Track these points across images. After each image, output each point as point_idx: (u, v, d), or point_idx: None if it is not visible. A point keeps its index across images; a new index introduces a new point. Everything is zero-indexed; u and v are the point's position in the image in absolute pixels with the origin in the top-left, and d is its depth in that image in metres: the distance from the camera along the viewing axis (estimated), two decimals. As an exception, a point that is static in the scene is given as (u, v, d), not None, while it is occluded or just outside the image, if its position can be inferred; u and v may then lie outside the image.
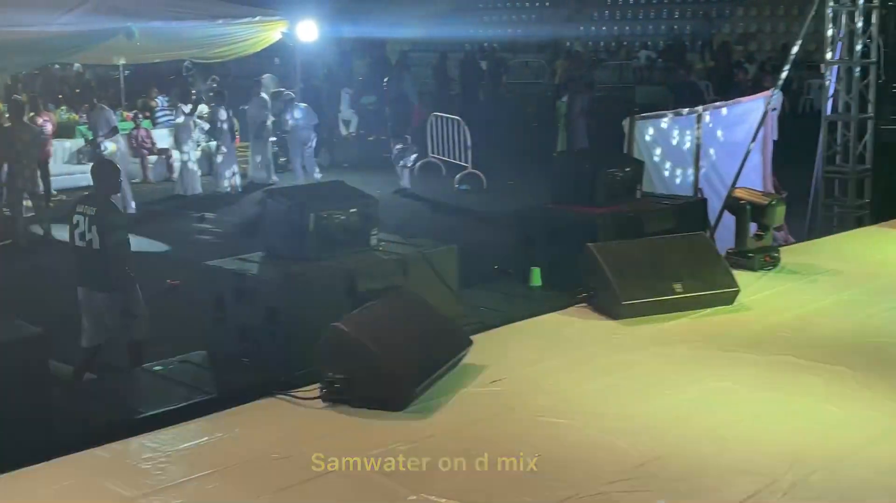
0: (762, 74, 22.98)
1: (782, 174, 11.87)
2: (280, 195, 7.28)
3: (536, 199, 10.99)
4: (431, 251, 7.28)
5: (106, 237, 6.87)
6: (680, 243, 7.26)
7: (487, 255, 10.00)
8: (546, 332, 6.66)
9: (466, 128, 16.96)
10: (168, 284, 10.29)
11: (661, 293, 6.84)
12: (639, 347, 6.29)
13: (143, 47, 14.62)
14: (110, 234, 6.89)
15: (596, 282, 6.94)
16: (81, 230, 6.97)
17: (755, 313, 7.00)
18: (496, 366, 5.83)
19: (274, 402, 5.33)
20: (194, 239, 13.14)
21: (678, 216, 8.43)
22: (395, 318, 5.60)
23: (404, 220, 12.60)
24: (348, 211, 6.92)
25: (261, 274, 6.63)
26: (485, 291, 8.48)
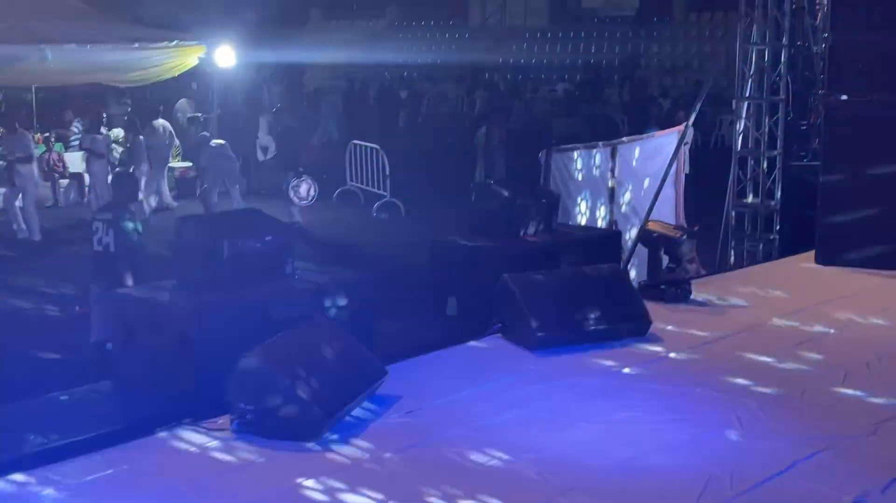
0: (676, 109, 23.43)
1: (694, 208, 12.09)
2: (194, 222, 7.18)
3: (454, 228, 11.04)
4: (348, 280, 7.23)
5: (120, 241, 7.47)
6: (594, 275, 7.34)
7: (404, 284, 10.00)
8: (461, 362, 6.67)
9: (385, 156, 16.96)
10: (76, 311, 10.05)
11: (575, 324, 6.91)
12: (553, 378, 6.33)
13: (57, 70, 14.35)
14: (123, 238, 7.49)
15: (511, 313, 6.97)
16: (100, 235, 7.56)
17: (667, 345, 7.10)
18: (411, 396, 5.82)
19: (184, 433, 5.23)
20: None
21: (593, 248, 8.53)
22: (310, 348, 5.55)
23: (321, 248, 12.53)
24: (264, 239, 6.85)
25: (173, 302, 6.51)
26: (400, 321, 8.47)
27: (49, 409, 6.17)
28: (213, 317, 6.28)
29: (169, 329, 6.30)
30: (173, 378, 6.17)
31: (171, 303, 6.48)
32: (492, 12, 35.18)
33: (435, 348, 7.04)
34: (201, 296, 6.45)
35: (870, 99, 9.56)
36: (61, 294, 11.09)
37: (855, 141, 9.65)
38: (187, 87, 23.54)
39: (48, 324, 9.85)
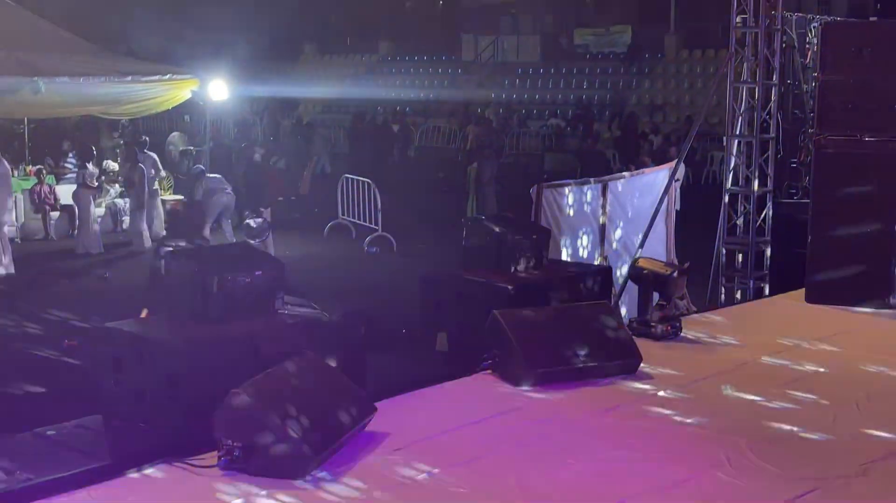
0: (667, 145, 23.56)
1: (685, 244, 12.12)
2: (183, 256, 7.16)
3: (445, 263, 11.05)
4: (338, 315, 7.21)
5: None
6: (584, 311, 7.34)
7: (394, 319, 9.98)
8: (450, 399, 6.64)
9: (377, 190, 17.00)
10: (65, 345, 10.00)
11: (566, 361, 6.90)
12: (543, 415, 6.30)
13: (50, 102, 14.38)
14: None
15: (501, 349, 6.95)
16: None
17: (657, 382, 7.08)
18: (400, 433, 5.78)
19: (170, 470, 5.20)
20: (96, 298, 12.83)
21: (583, 284, 8.52)
22: (298, 384, 5.52)
23: (312, 282, 12.50)
24: (253, 273, 6.83)
25: (161, 336, 6.47)
26: (390, 356, 8.44)
27: (35, 444, 6.12)
28: (201, 352, 6.25)
29: (156, 364, 6.27)
30: (161, 413, 6.14)
31: (158, 338, 6.45)
32: (484, 48, 35.41)
33: (425, 384, 7.01)
34: (189, 330, 6.43)
35: (859, 137, 9.62)
36: (49, 327, 11.05)
37: (844, 179, 9.69)
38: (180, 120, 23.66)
39: (36, 357, 9.79)
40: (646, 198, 11.27)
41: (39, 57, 13.88)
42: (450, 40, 36.59)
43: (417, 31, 37.65)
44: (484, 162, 18.00)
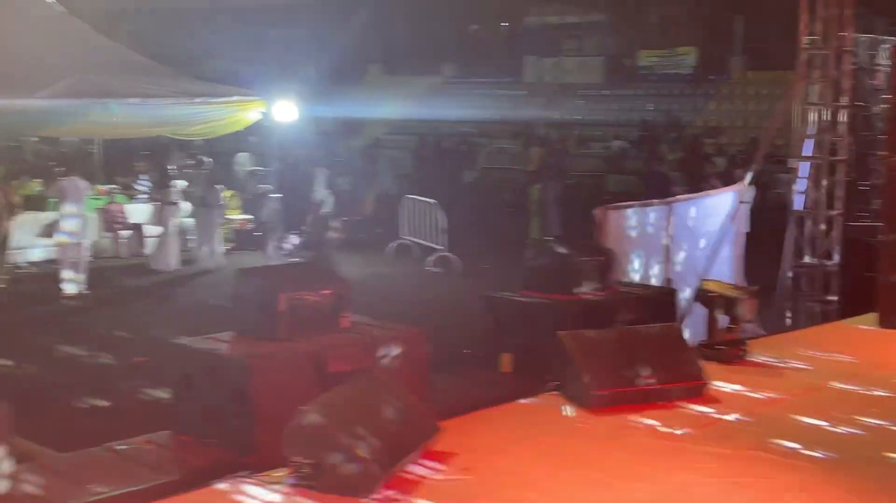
0: (733, 167, 23.32)
1: (752, 267, 11.98)
2: (252, 274, 7.26)
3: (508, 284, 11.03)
4: (403, 334, 7.25)
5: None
6: (651, 333, 7.29)
7: (458, 340, 10.00)
8: (514, 420, 6.64)
9: (440, 210, 17.06)
10: (134, 361, 10.18)
11: (631, 383, 6.86)
12: (608, 438, 6.27)
13: (121, 123, 14.65)
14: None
15: (566, 371, 6.94)
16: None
17: (724, 406, 7.01)
18: (466, 453, 5.79)
19: (240, 486, 5.26)
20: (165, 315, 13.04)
21: (648, 306, 8.46)
22: (364, 402, 5.56)
23: (376, 301, 12.56)
24: (320, 292, 6.91)
25: (229, 354, 6.56)
26: (454, 376, 8.45)
27: (106, 459, 6.24)
28: (269, 369, 6.33)
29: (225, 380, 6.36)
30: (230, 429, 6.22)
31: (227, 355, 6.54)
32: (547, 69, 35.42)
33: (489, 405, 7.02)
34: (258, 348, 6.52)
35: (931, 159, 9.46)
36: (118, 344, 11.26)
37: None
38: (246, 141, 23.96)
39: (107, 373, 9.97)
40: (712, 219, 11.17)
41: (112, 79, 14.16)
42: (513, 62, 36.65)
43: (481, 52, 37.79)
44: (547, 183, 17.98)
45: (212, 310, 12.74)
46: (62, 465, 6.14)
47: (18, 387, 7.70)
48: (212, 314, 12.33)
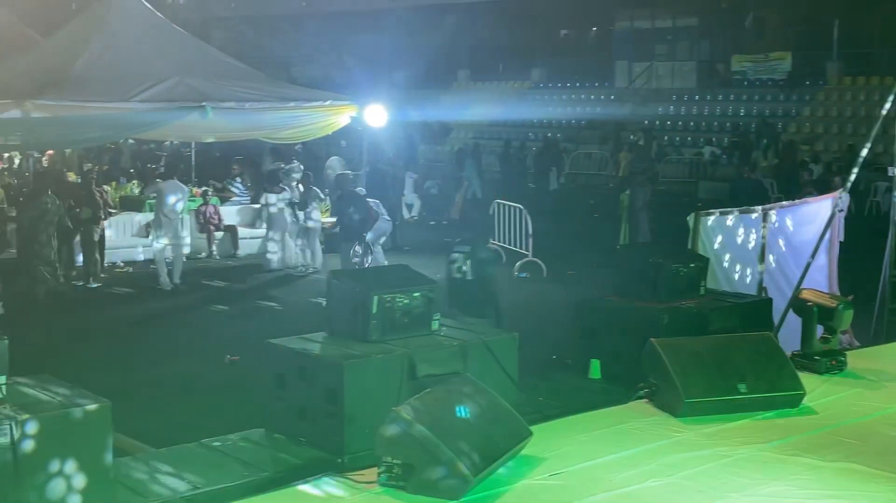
0: (828, 174, 22.85)
1: (848, 276, 11.71)
2: (345, 277, 7.34)
3: (596, 290, 10.97)
4: (492, 338, 7.26)
5: (477, 271, 8.89)
6: (745, 343, 7.17)
7: (546, 345, 9.97)
8: (606, 426, 6.58)
9: (528, 216, 17.02)
10: (227, 359, 10.37)
11: (725, 393, 6.75)
12: (700, 447, 6.19)
13: (216, 126, 14.94)
14: (481, 269, 8.95)
15: (658, 378, 6.86)
16: (458, 265, 9.00)
17: (820, 417, 6.87)
18: (555, 458, 5.77)
19: (331, 484, 5.32)
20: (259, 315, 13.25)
21: (743, 315, 8.34)
22: (455, 405, 5.57)
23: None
24: (411, 295, 6.96)
25: (322, 354, 6.65)
26: (543, 381, 8.43)
27: (202, 455, 6.37)
28: (361, 370, 6.39)
29: (318, 380, 6.44)
30: (322, 429, 6.30)
31: (320, 355, 6.62)
32: (638, 74, 35.13)
33: (579, 410, 6.99)
34: (350, 348, 6.59)
35: None
36: (212, 342, 11.47)
37: None
38: (338, 144, 24.25)
39: (201, 371, 10.16)
40: (807, 228, 10.94)
41: (208, 84, 14.45)
42: (603, 67, 36.47)
43: (571, 57, 37.67)
44: (637, 188, 17.79)
45: (306, 311, 12.93)
46: (159, 461, 6.28)
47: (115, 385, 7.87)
48: (306, 315, 12.53)
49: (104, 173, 19.64)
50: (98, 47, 14.25)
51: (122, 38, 14.62)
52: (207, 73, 14.89)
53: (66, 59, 14.13)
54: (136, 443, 7.16)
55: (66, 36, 15.33)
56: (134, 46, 14.55)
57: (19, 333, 10.11)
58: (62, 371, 6.40)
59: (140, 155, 25.69)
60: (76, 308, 13.32)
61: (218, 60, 16.00)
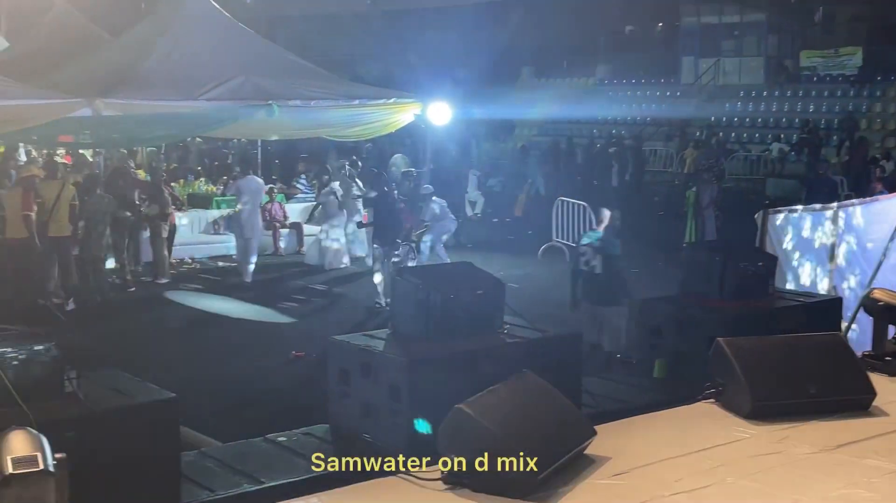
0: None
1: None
2: (409, 274, 7.34)
3: (660, 288, 10.86)
4: (556, 336, 7.23)
5: (606, 264, 9.54)
6: (815, 343, 7.04)
7: (611, 344, 9.90)
8: (671, 427, 6.51)
9: (592, 213, 16.92)
10: (292, 356, 10.46)
11: (794, 394, 6.64)
12: (768, 449, 6.09)
13: (282, 125, 15.07)
14: (609, 261, 9.57)
15: (725, 379, 6.77)
16: (587, 258, 9.69)
17: (891, 420, 6.71)
18: (620, 458, 5.72)
19: (394, 481, 5.33)
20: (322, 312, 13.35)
21: (812, 314, 8.19)
22: (520, 404, 5.56)
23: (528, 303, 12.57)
24: (476, 293, 6.94)
25: (386, 351, 6.67)
26: (607, 380, 8.37)
27: (267, 450, 6.43)
28: (424, 367, 6.40)
29: (381, 377, 6.46)
30: (385, 426, 6.32)
31: (384, 352, 6.64)
32: (705, 70, 34.73)
33: (643, 410, 6.92)
34: (413, 346, 6.60)
35: None
36: (277, 337, 11.58)
37: None
38: (401, 143, 24.33)
39: (267, 366, 10.27)
40: (879, 226, 10.72)
41: (274, 82, 14.57)
42: (669, 63, 36.12)
43: (636, 54, 37.35)
44: (703, 186, 17.61)
45: (371, 308, 13.01)
46: (224, 455, 6.35)
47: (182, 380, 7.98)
48: (370, 312, 12.61)
49: (172, 171, 19.94)
50: (166, 46, 14.45)
51: (190, 37, 14.80)
52: (273, 72, 15.01)
53: (135, 57, 14.34)
54: (203, 437, 7.25)
55: (135, 35, 15.56)
56: (202, 45, 14.72)
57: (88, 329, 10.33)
58: (130, 366, 6.50)
59: (207, 153, 26.03)
60: (143, 304, 13.55)
61: (284, 59, 16.13)
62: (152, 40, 14.71)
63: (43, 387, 5.04)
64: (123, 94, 13.00)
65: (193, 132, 17.82)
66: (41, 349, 5.06)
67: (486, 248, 18.57)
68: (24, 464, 3.88)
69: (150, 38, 14.92)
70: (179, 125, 14.46)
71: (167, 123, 14.01)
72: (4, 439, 4.04)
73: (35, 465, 3.90)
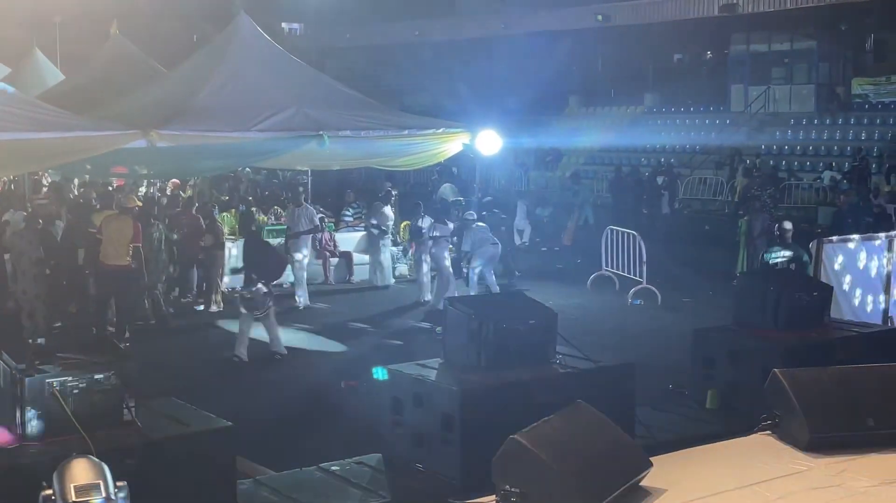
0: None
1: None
2: (461, 304, 7.36)
3: (711, 318, 10.78)
4: (609, 366, 7.20)
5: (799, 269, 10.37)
6: (873, 374, 6.93)
7: (662, 373, 9.82)
8: (727, 459, 6.44)
9: (642, 242, 16.84)
10: (344, 385, 10.47)
11: (853, 427, 6.53)
12: (826, 482, 6.00)
13: (332, 155, 15.16)
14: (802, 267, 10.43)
15: (782, 411, 6.69)
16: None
17: (953, 453, 6.59)
18: (677, 490, 5.67)
19: (450, 512, 5.32)
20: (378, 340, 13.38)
21: (869, 345, 8.08)
22: (574, 434, 5.53)
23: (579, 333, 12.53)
24: (528, 323, 6.95)
25: (439, 381, 6.68)
26: (659, 411, 8.31)
27: (321, 478, 6.46)
28: (477, 397, 6.40)
29: (434, 406, 6.47)
30: (439, 455, 6.32)
31: (436, 382, 6.66)
32: (755, 98, 34.50)
33: (697, 442, 6.85)
34: (466, 375, 6.60)
35: None
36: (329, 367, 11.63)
37: None
38: (448, 172, 24.41)
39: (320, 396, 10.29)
40: (936, 255, 10.59)
41: (324, 112, 14.66)
42: (718, 91, 35.92)
43: (685, 82, 37.21)
44: (755, 215, 17.46)
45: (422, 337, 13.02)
46: (279, 484, 6.38)
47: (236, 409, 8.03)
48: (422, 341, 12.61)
49: (225, 202, 20.16)
50: (219, 78, 14.62)
51: (243, 69, 14.97)
52: (324, 103, 15.13)
53: (189, 90, 14.53)
54: (257, 466, 7.29)
55: (188, 68, 15.77)
56: (253, 77, 14.88)
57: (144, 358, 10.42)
58: (186, 394, 6.56)
59: (258, 183, 26.28)
60: (197, 331, 13.66)
61: (334, 90, 16.25)
62: (205, 72, 14.89)
63: (103, 415, 5.11)
64: (177, 125, 13.16)
65: (245, 162, 17.99)
66: (101, 378, 5.14)
67: (535, 276, 18.52)
68: (87, 492, 3.93)
69: (203, 70, 15.12)
70: (231, 156, 14.61)
71: (219, 154, 14.16)
72: (67, 467, 4.09)
73: (98, 493, 3.94)
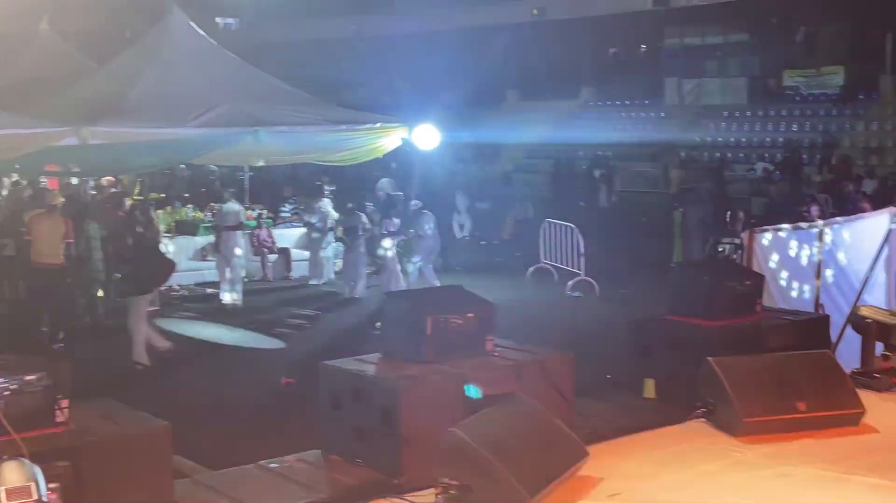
0: (885, 190, 22.53)
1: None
2: (399, 298, 7.37)
3: (649, 308, 10.89)
4: (547, 358, 7.24)
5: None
6: (803, 361, 7.09)
7: (599, 364, 9.91)
8: (663, 446, 6.54)
9: (580, 235, 16.99)
10: (283, 383, 10.43)
11: (783, 411, 6.68)
12: (759, 467, 6.13)
13: (269, 151, 15.08)
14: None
15: (715, 398, 6.81)
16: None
17: (881, 437, 6.77)
18: (612, 478, 5.74)
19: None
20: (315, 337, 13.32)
21: (799, 332, 8.23)
22: (512, 426, 5.57)
23: (517, 325, 12.59)
24: (465, 315, 6.96)
25: (378, 375, 6.68)
26: (598, 401, 8.38)
27: (259, 477, 6.41)
28: (416, 391, 6.40)
29: (373, 401, 6.46)
30: (378, 450, 6.31)
31: (375, 376, 6.65)
32: (689, 91, 34.92)
33: (634, 431, 6.94)
34: (405, 369, 6.60)
35: None
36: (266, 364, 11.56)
37: None
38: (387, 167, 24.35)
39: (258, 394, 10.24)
40: (865, 243, 10.79)
41: (260, 108, 14.57)
42: (653, 84, 36.30)
43: (620, 76, 37.54)
44: (689, 206, 17.70)
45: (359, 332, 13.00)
46: (216, 482, 6.33)
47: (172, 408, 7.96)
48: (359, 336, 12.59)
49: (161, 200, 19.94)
50: (152, 74, 14.44)
51: (176, 64, 14.80)
52: (260, 98, 15.02)
53: (121, 86, 14.33)
54: (195, 464, 7.23)
55: (121, 64, 15.55)
56: (187, 73, 14.73)
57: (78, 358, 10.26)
58: (121, 394, 6.48)
59: (194, 180, 26.00)
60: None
61: (270, 85, 16.14)
62: (138, 68, 14.71)
63: (35, 417, 5.03)
64: (110, 122, 12.98)
65: (180, 159, 17.78)
66: (33, 379, 5.05)
67: (475, 270, 18.59)
68: (18, 494, 3.87)
69: (136, 66, 14.92)
70: (166, 152, 14.44)
71: (154, 151, 13.99)
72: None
73: (28, 496, 3.89)
